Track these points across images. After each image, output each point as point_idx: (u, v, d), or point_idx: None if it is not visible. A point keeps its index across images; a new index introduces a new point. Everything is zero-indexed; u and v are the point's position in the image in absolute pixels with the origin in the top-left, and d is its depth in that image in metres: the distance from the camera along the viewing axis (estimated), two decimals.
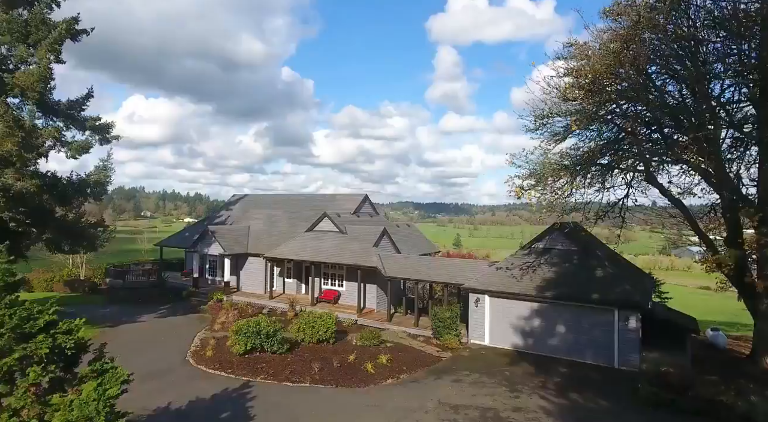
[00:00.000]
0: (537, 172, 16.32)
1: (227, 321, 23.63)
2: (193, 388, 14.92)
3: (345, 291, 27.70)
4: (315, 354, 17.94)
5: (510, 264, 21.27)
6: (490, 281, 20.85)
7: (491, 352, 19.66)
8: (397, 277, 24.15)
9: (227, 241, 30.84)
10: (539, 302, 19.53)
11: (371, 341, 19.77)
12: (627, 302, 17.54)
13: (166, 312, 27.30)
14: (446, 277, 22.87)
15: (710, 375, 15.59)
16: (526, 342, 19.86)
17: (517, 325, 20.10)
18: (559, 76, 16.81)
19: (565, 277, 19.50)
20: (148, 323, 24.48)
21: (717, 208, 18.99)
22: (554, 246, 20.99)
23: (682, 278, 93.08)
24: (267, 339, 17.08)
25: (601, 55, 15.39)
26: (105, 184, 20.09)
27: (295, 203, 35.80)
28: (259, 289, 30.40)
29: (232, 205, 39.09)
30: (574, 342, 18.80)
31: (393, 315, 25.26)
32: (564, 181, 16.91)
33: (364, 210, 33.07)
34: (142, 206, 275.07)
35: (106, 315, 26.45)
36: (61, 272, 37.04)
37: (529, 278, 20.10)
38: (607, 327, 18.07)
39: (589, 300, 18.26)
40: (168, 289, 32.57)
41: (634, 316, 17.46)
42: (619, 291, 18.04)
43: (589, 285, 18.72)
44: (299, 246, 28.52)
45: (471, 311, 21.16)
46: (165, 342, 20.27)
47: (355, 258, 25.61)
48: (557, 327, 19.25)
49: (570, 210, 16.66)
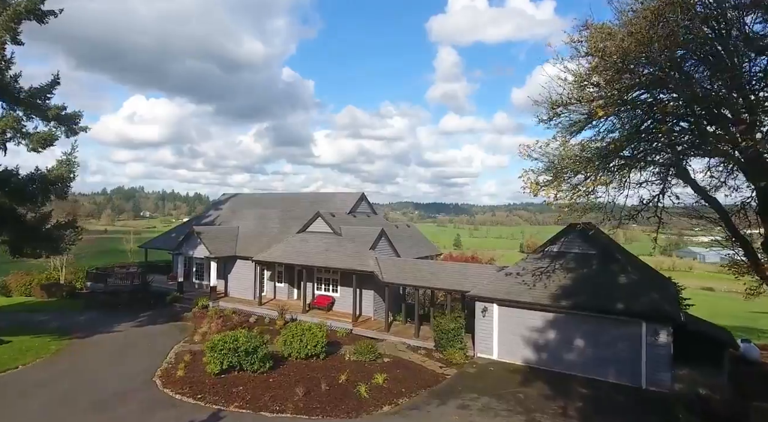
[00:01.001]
0: (555, 166, 14.18)
1: (209, 331, 21.54)
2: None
3: (339, 297, 25.60)
4: (302, 373, 15.81)
5: (521, 269, 19.16)
6: (499, 288, 18.75)
7: (500, 368, 17.56)
8: (395, 283, 22.06)
9: (214, 243, 28.73)
10: (554, 312, 17.44)
11: (366, 355, 17.68)
12: (656, 313, 15.44)
13: (146, 319, 25.20)
14: (450, 283, 20.77)
15: (759, 400, 13.47)
16: (540, 356, 17.75)
17: (530, 338, 18.00)
18: (580, 55, 14.68)
19: (583, 284, 17.42)
20: (123, 333, 22.36)
21: (748, 207, 16.86)
22: (570, 249, 18.89)
23: (684, 279, 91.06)
24: (246, 357, 14.94)
25: (628, 32, 13.33)
26: (68, 180, 17.93)
27: (288, 202, 33.67)
28: (248, 294, 28.30)
29: (222, 204, 36.96)
30: (594, 358, 16.70)
31: (391, 323, 23.17)
32: (585, 175, 14.76)
33: (360, 209, 30.98)
34: (141, 206, 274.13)
35: (80, 323, 24.37)
36: (40, 275, 34.92)
37: (543, 285, 18.00)
38: (633, 342, 15.97)
39: (612, 311, 16.17)
40: (152, 294, 30.49)
41: (665, 330, 15.36)
42: (646, 300, 15.94)
43: (611, 294, 16.63)
44: (290, 248, 26.42)
45: (477, 321, 19.06)
46: (135, 357, 18.14)
47: (349, 262, 23.51)
48: (575, 341, 17.15)
49: (592, 209, 14.50)
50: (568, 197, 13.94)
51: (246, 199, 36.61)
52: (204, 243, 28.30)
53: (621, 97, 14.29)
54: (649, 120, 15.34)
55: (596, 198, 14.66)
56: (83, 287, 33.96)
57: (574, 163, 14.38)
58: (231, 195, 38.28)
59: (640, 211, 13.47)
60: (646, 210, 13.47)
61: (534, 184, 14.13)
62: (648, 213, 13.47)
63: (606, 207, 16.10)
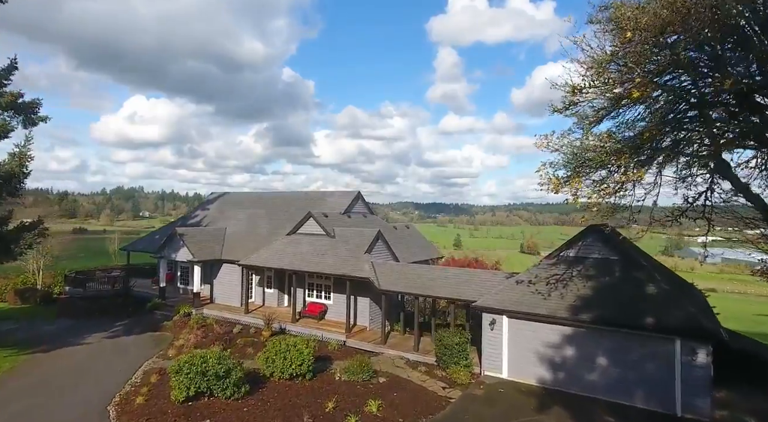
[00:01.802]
0: (578, 158, 12.08)
1: (186, 344, 19.47)
2: None
3: (333, 304, 23.49)
4: (283, 399, 13.68)
5: (533, 276, 17.07)
6: (509, 298, 16.66)
7: (512, 389, 15.47)
8: (392, 291, 19.97)
9: (198, 246, 26.61)
10: (573, 326, 15.34)
11: (359, 375, 15.59)
12: (694, 329, 13.35)
13: (121, 329, 23.13)
14: (453, 292, 18.67)
15: None
16: (556, 376, 15.66)
17: (544, 355, 15.91)
18: (605, 31, 12.57)
19: (606, 295, 15.33)
20: (93, 345, 20.26)
21: None
22: (589, 254, 16.80)
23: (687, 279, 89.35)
24: (217, 381, 12.81)
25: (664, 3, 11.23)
26: (20, 176, 15.83)
27: (279, 202, 31.55)
28: (235, 301, 26.19)
29: (210, 203, 34.82)
30: (619, 379, 14.61)
31: (389, 334, 21.11)
32: (610, 170, 12.66)
33: (356, 209, 28.87)
34: (140, 206, 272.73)
35: (49, 333, 22.30)
36: (16, 279, 32.84)
37: (559, 295, 15.92)
38: (665, 362, 13.88)
39: (641, 326, 14.07)
40: (133, 300, 28.43)
41: (704, 348, 13.26)
42: (680, 314, 13.85)
43: (639, 306, 14.53)
44: (278, 252, 24.33)
45: (485, 334, 16.97)
46: (96, 377, 15.99)
47: (343, 267, 21.41)
48: (597, 359, 15.06)
49: (620, 209, 12.44)
50: (595, 195, 11.89)
51: (235, 199, 34.48)
52: (187, 245, 26.19)
53: (656, 76, 12.17)
54: (686, 104, 13.20)
55: (624, 196, 12.64)
56: (62, 292, 31.91)
57: (601, 154, 12.27)
58: (219, 194, 36.13)
59: (685, 211, 11.35)
60: (693, 210, 11.35)
61: (555, 179, 12.06)
62: (694, 213, 11.32)
63: (631, 207, 14.03)
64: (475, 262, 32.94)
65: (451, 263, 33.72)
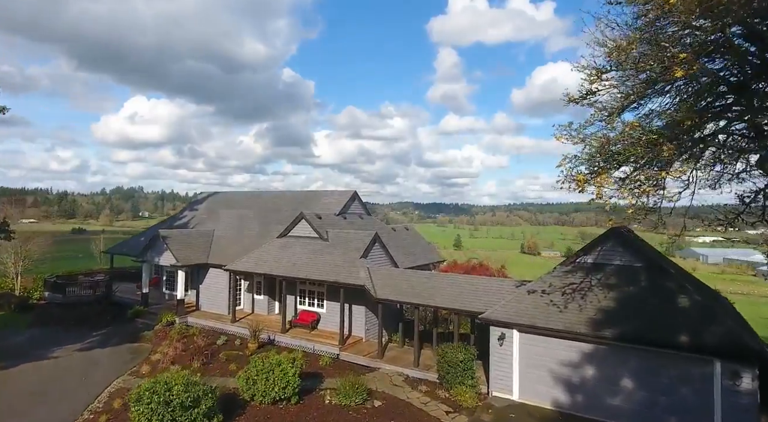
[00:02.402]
0: (606, 151, 10.30)
1: (163, 359, 17.68)
2: None
3: (326, 313, 21.70)
4: None
5: (547, 285, 15.28)
6: (520, 310, 14.87)
7: (523, 414, 13.67)
8: (391, 300, 18.18)
9: (182, 249, 24.81)
10: (594, 343, 13.54)
11: (352, 398, 13.80)
12: (736, 349, 11.55)
13: (97, 339, 21.34)
14: (457, 301, 16.88)
15: None
16: (574, 399, 13.85)
17: (560, 374, 14.11)
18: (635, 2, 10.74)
19: (630, 307, 13.53)
20: (61, 360, 18.47)
21: None
22: (610, 260, 15.00)
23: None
24: (183, 413, 10.99)
25: None
26: None
27: (271, 202, 29.75)
28: (223, 308, 24.39)
29: (198, 204, 33.01)
30: (648, 405, 12.81)
31: (386, 346, 19.33)
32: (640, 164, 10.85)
33: (352, 210, 27.08)
34: (140, 206, 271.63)
35: (15, 345, 20.46)
36: None
37: (577, 307, 14.12)
38: (702, 386, 12.09)
39: (673, 345, 12.27)
40: (115, 306, 26.69)
41: (750, 372, 11.46)
42: (719, 330, 12.05)
43: (670, 320, 12.73)
44: (267, 256, 22.54)
45: (493, 351, 15.17)
46: (54, 401, 14.15)
47: (336, 274, 19.62)
48: (621, 381, 13.26)
49: (653, 210, 10.69)
50: (629, 194, 10.12)
51: (225, 199, 32.66)
52: (170, 249, 24.39)
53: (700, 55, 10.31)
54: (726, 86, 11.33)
55: (663, 196, 10.89)
56: (41, 298, 30.14)
57: (632, 146, 10.45)
58: (209, 193, 34.29)
59: (741, 213, 9.54)
60: (749, 211, 9.55)
61: (580, 175, 10.28)
62: (751, 216, 9.50)
63: (660, 208, 12.20)
64: (479, 266, 31.12)
65: (454, 268, 31.88)
